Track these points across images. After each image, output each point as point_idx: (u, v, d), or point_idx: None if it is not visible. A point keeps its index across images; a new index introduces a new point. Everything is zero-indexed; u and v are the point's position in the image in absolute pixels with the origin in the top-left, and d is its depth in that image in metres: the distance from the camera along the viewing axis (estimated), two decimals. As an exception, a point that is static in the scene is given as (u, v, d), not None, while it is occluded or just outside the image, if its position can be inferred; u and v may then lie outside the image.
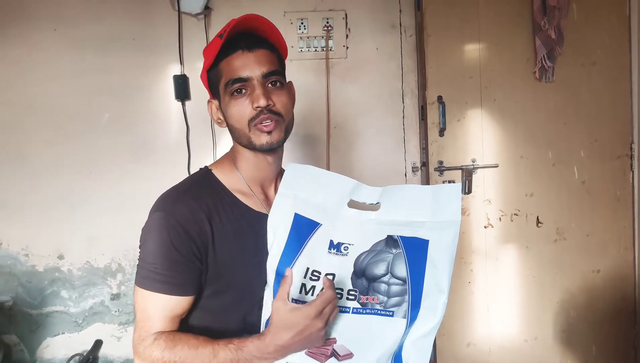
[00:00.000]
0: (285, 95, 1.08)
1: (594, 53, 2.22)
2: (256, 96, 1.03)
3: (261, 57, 1.05)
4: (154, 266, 1.00)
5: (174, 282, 1.00)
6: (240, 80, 1.04)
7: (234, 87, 1.04)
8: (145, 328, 1.00)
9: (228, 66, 1.05)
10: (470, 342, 2.28)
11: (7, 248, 2.31)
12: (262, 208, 1.12)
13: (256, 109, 1.03)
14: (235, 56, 1.04)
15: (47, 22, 2.28)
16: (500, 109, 2.22)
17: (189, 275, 1.02)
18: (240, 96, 1.05)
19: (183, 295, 1.01)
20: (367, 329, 0.99)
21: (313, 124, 2.33)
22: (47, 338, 2.34)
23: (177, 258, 1.00)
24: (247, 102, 1.04)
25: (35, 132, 2.29)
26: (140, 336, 1.00)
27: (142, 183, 2.30)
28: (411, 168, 2.40)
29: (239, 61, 1.04)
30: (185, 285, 1.02)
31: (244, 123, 1.05)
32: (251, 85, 1.04)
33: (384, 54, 2.38)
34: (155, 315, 1.00)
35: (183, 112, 2.32)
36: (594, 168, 2.25)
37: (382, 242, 1.02)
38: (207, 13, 2.29)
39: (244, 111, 1.04)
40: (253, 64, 1.04)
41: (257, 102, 1.03)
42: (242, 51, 1.04)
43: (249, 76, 1.04)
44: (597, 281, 2.28)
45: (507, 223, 2.25)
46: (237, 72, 1.04)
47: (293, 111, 1.13)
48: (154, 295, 1.00)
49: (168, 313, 1.01)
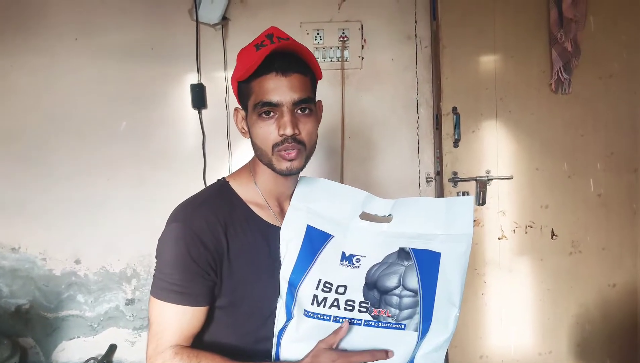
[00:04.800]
0: (311, 122, 1.07)
1: (611, 65, 2.20)
2: (283, 124, 1.01)
3: (294, 83, 1.02)
4: (171, 277, 1.01)
5: (190, 293, 1.01)
6: (270, 104, 1.02)
7: (263, 109, 1.03)
8: (162, 340, 1.00)
9: (260, 87, 1.03)
10: (483, 354, 2.26)
11: (25, 251, 2.35)
12: (277, 221, 1.13)
13: (282, 136, 1.02)
14: (268, 77, 1.02)
15: (69, 32, 2.32)
16: (516, 120, 2.21)
17: (204, 286, 1.02)
18: (268, 119, 1.03)
19: (198, 305, 1.02)
20: (378, 342, 1.00)
21: (327, 134, 2.35)
22: (62, 342, 2.37)
23: (193, 268, 1.00)
24: (273, 127, 1.03)
25: (54, 139, 2.33)
26: (157, 348, 1.00)
27: (158, 189, 2.33)
28: (425, 178, 2.40)
29: (271, 83, 1.01)
30: (200, 295, 1.02)
31: (267, 146, 1.04)
32: (280, 111, 1.02)
33: (399, 64, 2.39)
34: (171, 327, 1.01)
35: (199, 121, 2.34)
36: (610, 181, 2.23)
37: (394, 254, 1.02)
38: (225, 23, 2.32)
39: (270, 135, 1.03)
40: (285, 89, 1.01)
41: (284, 130, 1.01)
42: (276, 74, 1.01)
43: (279, 102, 1.02)
44: (612, 295, 2.25)
45: (521, 235, 2.24)
46: (268, 95, 1.01)
47: (317, 134, 1.11)
48: (170, 307, 1.01)
49: (185, 325, 1.01)
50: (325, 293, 1.01)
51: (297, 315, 1.02)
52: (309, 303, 1.00)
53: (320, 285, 1.01)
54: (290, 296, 1.03)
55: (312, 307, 1.00)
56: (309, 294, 1.01)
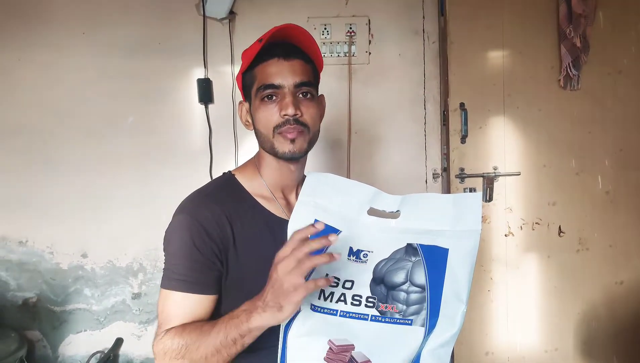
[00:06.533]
0: (314, 107, 1.09)
1: (620, 61, 2.19)
2: (285, 104, 1.05)
3: (296, 67, 1.07)
4: (177, 267, 1.02)
5: (193, 281, 1.02)
6: (273, 86, 1.06)
7: (266, 92, 1.06)
8: (162, 326, 1.02)
9: (262, 72, 1.07)
10: (489, 350, 2.26)
11: (32, 245, 2.37)
12: (283, 213, 1.14)
13: (283, 117, 1.05)
14: (271, 62, 1.07)
15: (76, 27, 2.33)
16: (524, 116, 2.20)
17: (209, 274, 1.04)
18: (270, 102, 1.07)
19: (203, 293, 1.03)
20: (385, 337, 0.99)
21: (334, 129, 2.35)
22: (69, 335, 2.39)
23: (197, 257, 1.02)
24: (275, 109, 1.06)
25: (61, 134, 2.34)
26: (159, 335, 1.01)
27: (164, 184, 2.34)
28: (432, 174, 2.40)
29: (273, 67, 1.06)
30: (205, 284, 1.03)
31: (269, 129, 1.07)
32: (282, 93, 1.06)
33: (406, 60, 2.38)
34: (173, 313, 1.02)
35: (206, 115, 2.34)
36: (619, 178, 2.21)
37: (402, 250, 1.02)
38: (232, 18, 2.32)
39: (271, 117, 1.06)
40: (287, 72, 1.06)
41: (285, 110, 1.04)
42: (277, 59, 1.06)
43: (281, 84, 1.06)
44: (620, 292, 2.24)
45: (528, 232, 2.23)
46: (270, 78, 1.06)
47: (320, 124, 1.14)
48: (173, 294, 1.02)
49: (188, 312, 1.02)
50: (332, 287, 1.01)
51: (303, 309, 1.02)
52: (316, 297, 1.00)
53: (328, 280, 1.01)
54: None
55: (319, 302, 1.00)
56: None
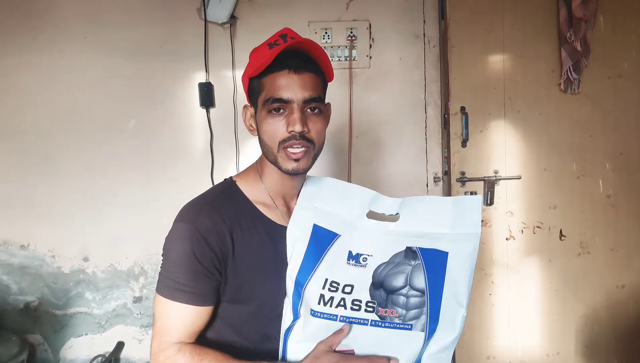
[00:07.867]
0: (321, 122, 1.08)
1: (621, 65, 2.19)
2: (293, 120, 1.02)
3: (306, 81, 1.03)
4: (176, 275, 1.02)
5: (195, 292, 1.02)
6: (281, 101, 1.03)
7: (273, 106, 1.03)
8: (166, 337, 1.01)
9: (271, 83, 1.04)
10: (490, 355, 2.25)
11: (34, 249, 2.37)
12: (284, 220, 1.13)
13: (290, 132, 1.03)
14: (281, 74, 1.03)
15: (78, 30, 2.33)
16: (524, 120, 2.20)
17: (209, 285, 1.03)
18: (277, 115, 1.04)
19: (203, 305, 1.03)
20: (385, 342, 0.99)
21: (335, 133, 2.35)
22: (70, 339, 2.39)
23: (198, 269, 1.01)
24: (282, 123, 1.04)
25: (63, 137, 2.35)
26: (160, 345, 1.01)
27: (166, 188, 2.33)
28: (433, 178, 2.39)
29: (283, 80, 1.02)
30: (206, 295, 1.03)
31: (274, 142, 1.05)
32: (290, 108, 1.03)
33: (407, 64, 2.38)
34: (176, 325, 1.02)
35: (207, 120, 2.35)
36: (620, 182, 2.21)
37: (401, 254, 1.02)
38: (233, 22, 2.32)
39: (278, 131, 1.04)
40: (296, 86, 1.02)
41: (293, 126, 1.02)
42: (288, 71, 1.02)
43: (290, 98, 1.02)
44: (621, 296, 2.23)
45: (529, 236, 2.23)
46: (279, 91, 1.02)
47: (325, 135, 1.12)
48: (175, 305, 1.02)
49: (189, 323, 1.02)
50: (332, 292, 1.01)
51: (303, 315, 1.02)
52: (316, 302, 1.00)
53: (327, 285, 1.01)
54: (297, 296, 1.03)
55: (318, 307, 1.00)
56: (316, 293, 1.01)
